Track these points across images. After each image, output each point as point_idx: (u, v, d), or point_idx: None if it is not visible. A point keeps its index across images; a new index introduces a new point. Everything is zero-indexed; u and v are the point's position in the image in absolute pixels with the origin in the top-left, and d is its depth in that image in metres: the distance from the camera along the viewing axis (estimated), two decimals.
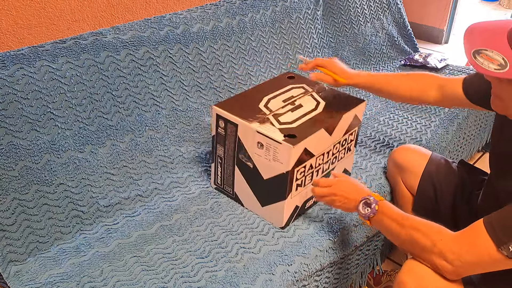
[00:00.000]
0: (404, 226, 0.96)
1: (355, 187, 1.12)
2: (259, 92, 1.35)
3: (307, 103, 1.30)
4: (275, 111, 1.25)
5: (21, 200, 1.16)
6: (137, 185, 1.36)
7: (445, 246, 0.88)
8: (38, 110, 1.21)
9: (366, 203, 1.05)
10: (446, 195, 1.28)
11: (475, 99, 1.18)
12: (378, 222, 1.04)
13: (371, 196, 1.05)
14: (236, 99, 1.32)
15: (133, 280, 1.07)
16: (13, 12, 1.39)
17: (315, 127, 1.19)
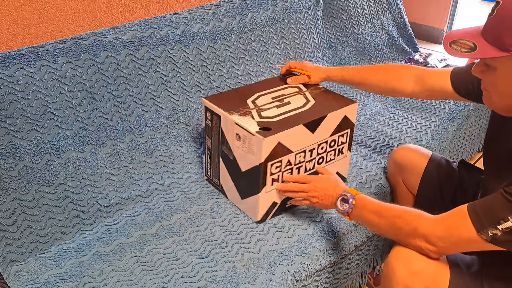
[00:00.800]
0: (384, 216, 1.00)
1: (332, 183, 1.13)
2: (252, 88, 1.37)
3: (296, 101, 1.30)
4: (260, 106, 1.27)
5: (21, 200, 1.16)
6: (137, 185, 1.36)
7: (427, 230, 0.92)
8: (38, 110, 1.21)
9: (343, 199, 1.07)
10: (447, 195, 1.28)
11: (464, 93, 1.19)
12: (357, 217, 1.06)
13: (347, 192, 1.07)
14: (227, 94, 1.37)
15: (133, 280, 1.07)
16: (13, 12, 1.39)
17: (294, 122, 1.19)
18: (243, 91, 1.36)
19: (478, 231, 0.85)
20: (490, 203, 0.86)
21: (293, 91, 1.37)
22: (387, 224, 0.99)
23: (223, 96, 1.34)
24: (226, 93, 1.38)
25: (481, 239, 0.85)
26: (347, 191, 1.08)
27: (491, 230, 0.83)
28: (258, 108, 1.25)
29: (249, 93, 1.34)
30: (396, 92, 1.33)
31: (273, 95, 1.34)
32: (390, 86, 1.32)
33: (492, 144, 1.04)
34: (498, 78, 0.85)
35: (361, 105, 1.89)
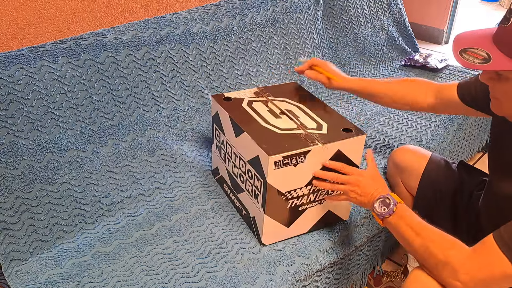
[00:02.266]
0: (420, 235, 0.92)
1: (377, 182, 1.07)
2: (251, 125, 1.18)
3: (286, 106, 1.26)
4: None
5: (24, 199, 1.17)
6: (139, 184, 1.36)
7: (460, 266, 0.84)
8: (39, 110, 1.22)
9: (384, 202, 1.00)
10: (446, 196, 1.28)
11: (470, 102, 1.17)
12: (392, 225, 0.99)
13: (390, 195, 1.01)
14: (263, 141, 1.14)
15: (133, 281, 1.08)
16: (13, 12, 1.39)
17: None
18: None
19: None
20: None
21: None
22: (420, 244, 0.91)
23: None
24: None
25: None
26: (391, 195, 1.01)
27: None
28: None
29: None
30: (414, 106, 1.32)
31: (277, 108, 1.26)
32: (409, 99, 1.31)
33: (498, 144, 1.04)
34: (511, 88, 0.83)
35: (361, 105, 1.89)
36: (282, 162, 1.05)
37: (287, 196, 1.11)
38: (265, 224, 1.14)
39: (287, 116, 1.21)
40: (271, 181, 1.07)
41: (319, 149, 1.08)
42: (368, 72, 2.15)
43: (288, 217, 1.16)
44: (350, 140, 1.11)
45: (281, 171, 1.06)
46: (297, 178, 1.10)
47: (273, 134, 1.13)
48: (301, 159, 1.07)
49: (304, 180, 1.11)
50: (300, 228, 1.20)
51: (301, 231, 1.21)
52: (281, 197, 1.11)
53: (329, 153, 1.10)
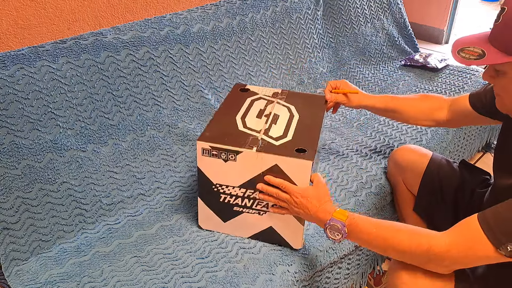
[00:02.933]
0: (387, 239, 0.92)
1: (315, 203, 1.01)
2: (226, 115, 1.21)
3: (281, 111, 1.24)
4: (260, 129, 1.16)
5: (25, 199, 1.17)
6: (139, 183, 1.36)
7: (443, 256, 0.87)
8: (39, 110, 1.22)
9: (333, 227, 0.97)
10: (448, 195, 1.28)
11: (481, 109, 1.19)
12: (355, 240, 0.99)
13: (334, 219, 0.97)
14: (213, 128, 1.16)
15: (133, 280, 1.08)
16: (13, 12, 1.39)
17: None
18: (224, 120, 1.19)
19: (496, 248, 0.81)
20: (504, 215, 0.82)
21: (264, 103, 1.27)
22: (391, 248, 0.92)
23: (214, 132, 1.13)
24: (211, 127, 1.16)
25: (499, 255, 0.82)
26: (334, 218, 0.97)
27: (510, 245, 0.80)
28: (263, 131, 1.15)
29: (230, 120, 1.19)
30: (430, 121, 1.34)
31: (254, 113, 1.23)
32: (426, 115, 1.33)
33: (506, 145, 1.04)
34: (509, 82, 0.86)
35: None
36: (210, 152, 1.08)
37: (218, 189, 1.13)
38: (199, 207, 1.18)
39: (266, 119, 1.19)
40: (201, 166, 1.11)
41: (251, 154, 1.06)
42: (368, 72, 2.15)
43: (222, 211, 1.17)
44: (289, 159, 1.04)
45: (209, 160, 1.09)
46: (229, 175, 1.10)
47: (231, 127, 1.15)
48: (231, 157, 1.07)
49: (237, 181, 1.11)
50: (238, 229, 1.19)
51: (241, 233, 1.20)
52: (212, 187, 1.13)
53: (265, 164, 1.06)
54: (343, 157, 1.53)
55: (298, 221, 1.13)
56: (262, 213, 1.15)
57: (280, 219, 1.14)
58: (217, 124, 1.16)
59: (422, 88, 2.01)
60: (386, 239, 0.92)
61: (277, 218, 1.14)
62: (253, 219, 1.16)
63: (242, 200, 1.14)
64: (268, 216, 1.15)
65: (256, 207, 1.14)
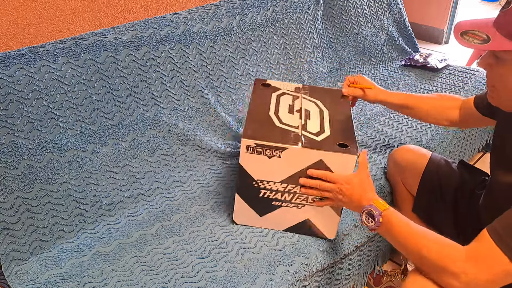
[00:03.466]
0: (412, 241, 0.91)
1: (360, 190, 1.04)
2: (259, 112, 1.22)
3: (310, 107, 1.27)
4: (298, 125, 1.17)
5: (25, 199, 1.17)
6: (139, 183, 1.36)
7: (458, 268, 0.82)
8: (39, 110, 1.22)
9: (370, 213, 0.98)
10: (447, 195, 1.28)
11: (483, 109, 1.20)
12: (384, 233, 0.98)
13: (374, 206, 0.98)
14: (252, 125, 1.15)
15: (133, 280, 1.08)
16: (13, 12, 1.39)
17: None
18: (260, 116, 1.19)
19: (510, 258, 0.77)
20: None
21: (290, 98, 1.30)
22: (415, 251, 0.90)
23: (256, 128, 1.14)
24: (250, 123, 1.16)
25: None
26: (374, 205, 0.98)
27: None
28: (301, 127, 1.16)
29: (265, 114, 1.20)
30: (443, 120, 1.35)
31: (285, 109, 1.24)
32: (440, 113, 1.34)
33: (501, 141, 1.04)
34: (508, 71, 0.84)
35: (361, 105, 1.89)
36: (255, 149, 1.08)
37: (258, 184, 1.14)
38: (236, 202, 1.19)
39: (299, 115, 1.22)
40: (243, 163, 1.11)
41: (297, 150, 1.07)
42: (368, 72, 2.15)
43: (260, 206, 1.18)
44: (334, 154, 1.07)
45: (253, 157, 1.09)
46: (271, 171, 1.11)
47: (270, 124, 1.15)
48: (276, 154, 1.08)
49: (279, 176, 1.12)
50: (274, 223, 1.21)
51: (276, 227, 1.22)
52: (253, 183, 1.13)
53: (310, 160, 1.09)
54: None
55: (335, 212, 1.16)
56: (301, 206, 1.17)
57: (318, 211, 1.17)
58: (254, 121, 1.16)
59: (422, 88, 2.01)
60: (415, 242, 0.90)
61: (314, 210, 1.17)
62: (291, 213, 1.18)
63: (282, 195, 1.15)
64: (305, 209, 1.17)
65: (296, 201, 1.16)
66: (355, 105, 1.46)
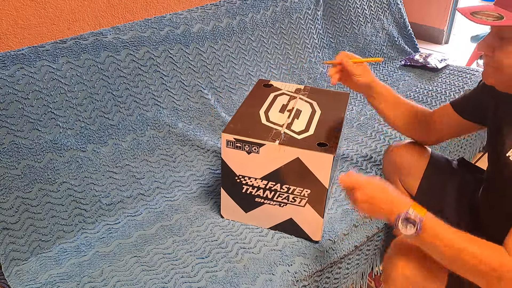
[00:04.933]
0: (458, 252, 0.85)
1: (387, 194, 0.94)
2: (250, 108, 1.24)
3: (303, 107, 1.28)
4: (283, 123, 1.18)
5: (25, 199, 1.17)
6: (139, 183, 1.36)
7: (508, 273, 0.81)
8: (39, 110, 1.22)
9: (408, 219, 0.88)
10: (448, 197, 1.27)
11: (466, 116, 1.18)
12: (421, 242, 0.90)
13: (413, 210, 0.88)
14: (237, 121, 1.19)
15: (133, 280, 1.08)
16: (13, 12, 1.39)
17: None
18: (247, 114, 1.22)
19: None
20: None
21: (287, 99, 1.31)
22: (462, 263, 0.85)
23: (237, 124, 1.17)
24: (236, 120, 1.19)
25: None
26: (413, 210, 0.88)
27: None
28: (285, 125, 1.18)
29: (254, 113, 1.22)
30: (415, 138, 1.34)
31: (276, 108, 1.26)
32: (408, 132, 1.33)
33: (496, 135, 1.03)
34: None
35: (361, 105, 1.89)
36: (234, 144, 1.12)
37: (241, 180, 1.16)
38: (222, 197, 1.23)
39: (289, 114, 1.23)
40: (224, 157, 1.15)
41: (273, 147, 1.09)
42: None
43: (244, 202, 1.21)
44: (310, 153, 1.07)
45: (233, 152, 1.13)
46: (252, 167, 1.14)
47: (255, 121, 1.18)
48: (254, 149, 1.11)
49: (259, 172, 1.14)
50: (260, 220, 1.23)
51: (262, 224, 1.24)
52: (235, 178, 1.16)
53: (287, 157, 1.10)
54: (343, 157, 1.53)
55: (318, 214, 1.16)
56: (283, 205, 1.18)
57: (300, 211, 1.17)
58: (241, 117, 1.20)
59: (422, 88, 2.01)
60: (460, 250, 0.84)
61: (296, 210, 1.17)
62: (274, 211, 1.19)
63: (264, 192, 1.17)
64: (288, 208, 1.18)
65: (277, 199, 1.17)
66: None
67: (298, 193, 1.15)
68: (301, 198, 1.15)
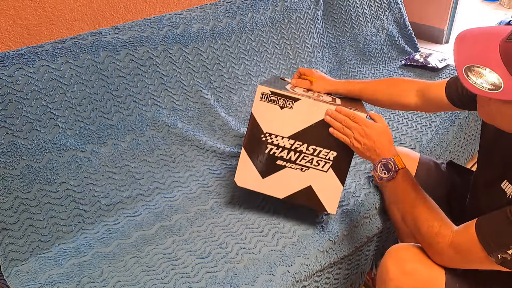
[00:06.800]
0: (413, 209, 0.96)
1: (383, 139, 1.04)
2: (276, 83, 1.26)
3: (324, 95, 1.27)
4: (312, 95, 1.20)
5: (24, 199, 1.17)
6: (138, 184, 1.36)
7: (442, 250, 0.91)
8: (38, 110, 1.21)
9: (386, 166, 1.00)
10: (438, 200, 1.26)
11: (459, 103, 1.15)
12: (389, 189, 1.02)
13: (393, 160, 1.00)
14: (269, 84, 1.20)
15: (133, 281, 1.07)
16: (12, 12, 1.38)
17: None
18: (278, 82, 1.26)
19: (488, 254, 0.83)
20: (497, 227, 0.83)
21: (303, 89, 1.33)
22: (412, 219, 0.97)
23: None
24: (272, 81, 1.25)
25: (491, 262, 0.84)
26: (394, 160, 1.00)
27: (501, 254, 0.82)
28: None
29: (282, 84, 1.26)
30: (400, 106, 1.29)
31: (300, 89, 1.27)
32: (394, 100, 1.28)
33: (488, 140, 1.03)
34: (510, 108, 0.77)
35: None
36: (269, 97, 1.11)
37: (267, 138, 1.14)
38: (240, 160, 1.17)
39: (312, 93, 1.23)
40: (255, 112, 1.13)
41: (309, 102, 1.10)
42: (368, 72, 2.14)
43: (264, 165, 1.17)
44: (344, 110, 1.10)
45: (266, 106, 1.11)
46: (281, 124, 1.12)
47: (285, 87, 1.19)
48: (288, 104, 1.10)
49: (288, 131, 1.13)
50: (275, 188, 1.18)
51: (277, 193, 1.19)
52: (261, 136, 1.14)
53: (320, 115, 1.11)
54: None
55: (339, 181, 1.15)
56: (305, 169, 1.16)
57: (321, 177, 1.15)
58: (274, 81, 1.20)
59: None
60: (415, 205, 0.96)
61: (318, 175, 1.16)
62: (294, 176, 1.17)
63: (288, 153, 1.15)
64: (309, 173, 1.16)
65: (301, 161, 1.15)
66: None
67: (323, 156, 1.13)
68: (325, 162, 1.14)
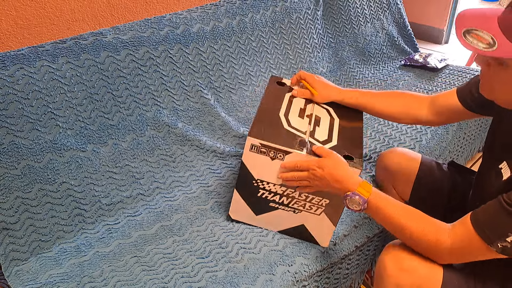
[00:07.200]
0: (402, 229, 0.96)
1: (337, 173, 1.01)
2: (269, 111, 1.20)
3: (321, 113, 1.24)
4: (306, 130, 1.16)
5: (24, 199, 1.17)
6: (139, 183, 1.36)
7: (446, 253, 0.92)
8: (39, 110, 1.21)
9: (352, 200, 0.99)
10: (440, 199, 1.27)
11: (474, 106, 1.14)
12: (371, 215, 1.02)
13: (357, 193, 0.98)
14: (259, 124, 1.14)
15: (133, 280, 1.07)
16: (13, 12, 1.39)
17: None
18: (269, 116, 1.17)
19: (488, 245, 0.84)
20: (493, 217, 0.84)
21: (303, 102, 1.27)
22: (402, 234, 0.96)
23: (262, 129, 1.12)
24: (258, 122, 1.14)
25: (493, 252, 0.85)
26: (358, 192, 0.98)
27: (501, 243, 0.83)
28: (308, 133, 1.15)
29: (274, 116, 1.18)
30: (411, 119, 1.27)
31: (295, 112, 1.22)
32: (406, 113, 1.26)
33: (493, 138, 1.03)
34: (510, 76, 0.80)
35: None
36: (259, 149, 1.07)
37: (258, 184, 1.13)
38: (233, 198, 1.19)
39: (309, 120, 1.19)
40: (245, 160, 1.10)
41: (300, 156, 1.06)
42: (368, 72, 2.15)
43: (256, 205, 1.18)
44: None
45: (256, 156, 1.08)
46: (272, 173, 1.11)
47: (277, 125, 1.14)
48: (279, 156, 1.08)
49: (279, 179, 1.12)
50: (269, 223, 1.22)
51: (271, 227, 1.23)
52: (252, 181, 1.13)
53: None
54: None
55: (331, 223, 1.16)
56: (298, 211, 1.16)
57: (314, 218, 1.16)
58: (262, 119, 1.14)
59: (422, 88, 2.01)
60: (402, 226, 0.95)
61: (311, 217, 1.16)
62: (287, 216, 1.18)
63: (280, 198, 1.15)
64: (302, 215, 1.17)
65: (293, 205, 1.16)
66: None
67: (316, 202, 1.13)
68: (318, 207, 1.14)
